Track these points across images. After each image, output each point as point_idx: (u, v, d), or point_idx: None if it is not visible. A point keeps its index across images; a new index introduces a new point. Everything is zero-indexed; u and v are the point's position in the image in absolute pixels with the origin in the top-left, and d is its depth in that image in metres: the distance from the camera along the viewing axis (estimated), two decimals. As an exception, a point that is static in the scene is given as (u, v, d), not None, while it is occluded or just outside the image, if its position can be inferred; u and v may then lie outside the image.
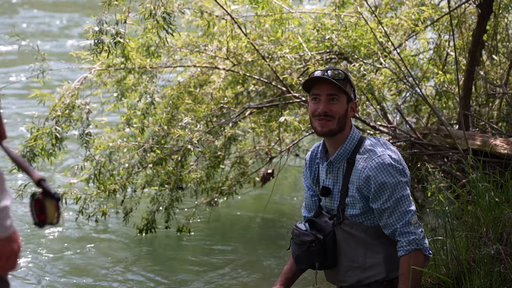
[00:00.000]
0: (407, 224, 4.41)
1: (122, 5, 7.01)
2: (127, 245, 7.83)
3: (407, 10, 7.93)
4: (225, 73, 7.21)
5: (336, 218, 4.63)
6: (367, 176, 4.43)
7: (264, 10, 7.65)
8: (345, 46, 7.52)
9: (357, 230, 4.55)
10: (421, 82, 7.57)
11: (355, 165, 4.54)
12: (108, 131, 7.44)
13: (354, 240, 4.56)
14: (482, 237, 5.51)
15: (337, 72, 4.50)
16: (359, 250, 4.57)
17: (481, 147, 6.70)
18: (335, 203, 4.64)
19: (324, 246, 4.61)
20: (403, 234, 4.38)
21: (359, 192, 4.49)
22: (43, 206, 2.90)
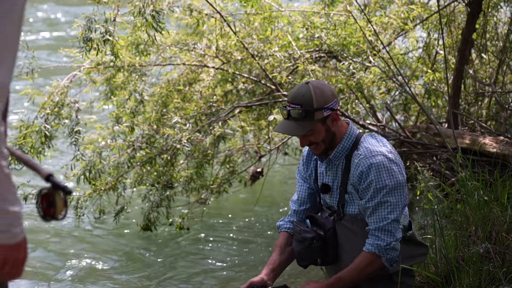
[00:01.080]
0: (380, 229, 4.53)
1: (112, 2, 6.85)
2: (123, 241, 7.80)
3: (397, 9, 8.03)
4: (215, 71, 7.24)
5: (336, 214, 4.73)
6: (360, 172, 4.52)
7: (254, 8, 7.65)
8: (334, 45, 7.53)
9: (357, 226, 4.63)
10: (410, 80, 7.60)
11: (352, 162, 4.64)
12: (98, 129, 7.38)
13: (355, 236, 4.63)
14: (471, 236, 5.52)
15: (297, 111, 4.56)
16: (360, 246, 4.58)
17: (470, 146, 6.76)
18: (335, 199, 4.74)
19: (325, 243, 4.69)
20: (372, 236, 4.51)
21: (355, 189, 4.60)
22: (52, 201, 2.83)
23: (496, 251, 5.25)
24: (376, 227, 4.51)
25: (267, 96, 7.28)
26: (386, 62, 7.44)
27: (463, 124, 7.02)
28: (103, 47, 6.98)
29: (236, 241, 7.19)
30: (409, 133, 7.15)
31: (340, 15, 7.78)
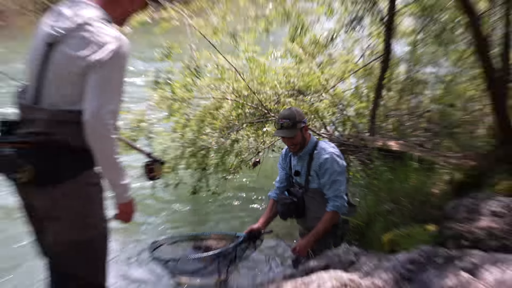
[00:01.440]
0: (336, 197, 5.37)
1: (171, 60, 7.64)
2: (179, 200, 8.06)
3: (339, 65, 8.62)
4: (231, 102, 7.73)
5: (304, 189, 5.63)
6: (320, 163, 5.42)
7: (254, 64, 8.05)
8: (302, 86, 8.14)
9: (317, 195, 5.51)
10: (346, 107, 8.28)
11: (313, 157, 5.53)
12: (164, 135, 7.78)
13: (315, 201, 5.52)
14: (382, 199, 5.97)
15: (287, 123, 5.39)
16: (319, 207, 5.45)
17: (382, 146, 7.26)
18: (303, 179, 5.65)
19: (297, 205, 5.58)
20: (332, 201, 5.36)
21: (315, 173, 5.49)
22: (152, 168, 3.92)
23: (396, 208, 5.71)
24: (334, 195, 5.37)
25: (262, 117, 7.80)
26: (332, 97, 8.13)
27: (378, 133, 7.64)
28: (166, 87, 7.67)
29: (245, 203, 7.81)
30: (346, 139, 7.56)
31: (306, 68, 8.24)
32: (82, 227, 3.30)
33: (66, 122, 3.09)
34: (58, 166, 3.13)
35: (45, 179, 3.13)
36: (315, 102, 8.03)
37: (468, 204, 4.17)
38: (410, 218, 5.56)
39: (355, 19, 8.15)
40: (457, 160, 6.85)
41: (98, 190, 3.38)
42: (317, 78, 8.11)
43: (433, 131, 8.03)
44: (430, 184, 6.13)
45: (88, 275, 3.42)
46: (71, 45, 3.08)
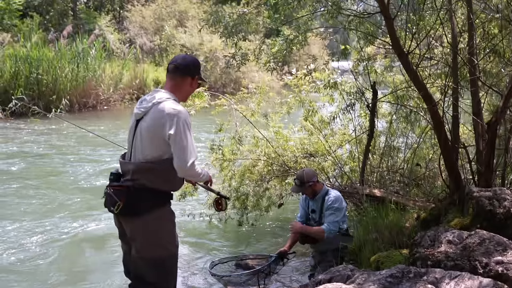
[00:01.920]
0: (329, 223, 5.36)
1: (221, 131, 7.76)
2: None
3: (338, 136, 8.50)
4: (263, 161, 7.61)
5: (317, 223, 5.57)
6: (328, 204, 5.45)
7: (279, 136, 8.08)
8: (312, 151, 8.01)
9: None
10: (343, 166, 8.13)
11: (325, 200, 5.52)
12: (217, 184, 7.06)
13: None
14: (369, 231, 5.97)
15: (297, 184, 5.57)
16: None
17: (368, 193, 7.08)
18: (317, 216, 5.64)
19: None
20: (326, 223, 5.37)
21: (325, 211, 5.49)
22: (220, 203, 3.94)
23: (380, 237, 5.74)
24: (328, 221, 5.37)
25: (285, 172, 7.65)
26: (334, 159, 7.95)
27: (365, 184, 7.43)
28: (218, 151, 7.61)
29: (274, 232, 7.61)
30: (343, 187, 7.41)
31: (315, 139, 8.15)
32: (155, 248, 3.42)
33: (146, 170, 3.32)
34: (140, 202, 3.31)
35: (129, 211, 3.34)
36: (321, 162, 7.91)
37: (431, 235, 4.13)
38: (390, 245, 5.57)
39: (349, 105, 8.07)
40: (422, 203, 6.82)
41: (170, 222, 3.55)
42: (323, 145, 8.01)
43: (404, 183, 7.94)
44: (403, 220, 6.12)
45: (158, 283, 3.47)
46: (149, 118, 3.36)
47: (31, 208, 8.11)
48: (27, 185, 9.38)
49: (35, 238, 6.89)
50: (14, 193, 8.85)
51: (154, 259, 3.41)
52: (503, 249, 3.57)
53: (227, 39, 7.55)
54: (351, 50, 8.89)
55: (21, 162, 11.10)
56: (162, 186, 3.39)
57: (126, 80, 20.94)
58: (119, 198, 3.28)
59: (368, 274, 3.37)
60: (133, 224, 3.39)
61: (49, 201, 8.51)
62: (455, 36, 5.89)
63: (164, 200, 3.46)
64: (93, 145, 12.27)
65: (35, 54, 17.53)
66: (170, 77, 3.55)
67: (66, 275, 5.94)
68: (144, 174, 3.33)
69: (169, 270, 3.54)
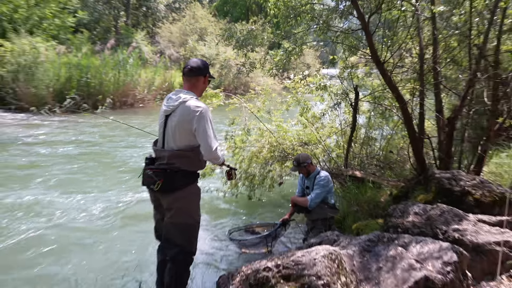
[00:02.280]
0: (314, 196, 5.26)
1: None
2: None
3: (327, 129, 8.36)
4: (267, 149, 7.48)
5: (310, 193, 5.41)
6: (317, 181, 5.34)
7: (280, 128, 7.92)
8: (306, 140, 7.90)
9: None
10: (331, 152, 7.96)
11: (316, 178, 5.42)
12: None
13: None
14: (351, 204, 6.04)
15: (294, 164, 5.49)
16: (318, 207, 5.33)
17: (351, 174, 6.98)
18: (310, 191, 5.45)
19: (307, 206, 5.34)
20: (311, 195, 5.28)
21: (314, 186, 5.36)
22: (230, 173, 3.92)
23: (360, 209, 5.85)
24: (314, 194, 5.27)
25: (284, 157, 7.50)
26: (324, 147, 7.91)
27: (349, 167, 7.33)
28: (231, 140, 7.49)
29: (277, 204, 7.44)
30: (331, 170, 7.24)
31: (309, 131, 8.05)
32: (184, 216, 3.48)
33: (179, 156, 3.37)
34: (174, 181, 3.36)
35: (167, 188, 3.38)
36: (314, 149, 7.85)
37: (401, 208, 4.14)
38: (368, 215, 5.64)
39: (336, 104, 8.02)
40: (394, 183, 6.79)
41: (197, 196, 3.58)
42: (315, 136, 7.97)
43: (380, 166, 7.92)
44: (379, 196, 6.15)
45: (185, 245, 3.53)
46: (178, 115, 3.38)
47: (92, 184, 8.28)
48: (87, 166, 9.55)
49: (97, 205, 7.09)
50: (77, 172, 8.98)
51: (183, 224, 3.46)
52: (459, 219, 3.59)
53: (238, 51, 7.59)
54: (338, 60, 8.83)
55: (79, 148, 11.22)
56: (191, 168, 3.43)
57: (157, 83, 21.03)
58: (158, 178, 3.33)
59: (350, 238, 3.41)
60: (169, 198, 3.41)
61: (105, 178, 8.64)
62: (422, 48, 5.94)
63: (193, 179, 3.49)
64: (135, 135, 12.30)
65: (84, 62, 17.66)
66: (186, 79, 3.56)
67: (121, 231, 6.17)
68: (177, 159, 3.36)
69: (193, 234, 3.59)
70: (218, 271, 4.96)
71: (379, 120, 8.33)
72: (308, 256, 2.52)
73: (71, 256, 5.23)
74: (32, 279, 4.57)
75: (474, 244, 3.16)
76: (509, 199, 4.07)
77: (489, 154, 6.22)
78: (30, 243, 5.49)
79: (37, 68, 16.17)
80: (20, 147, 10.96)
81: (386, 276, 2.59)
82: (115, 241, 5.77)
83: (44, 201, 7.12)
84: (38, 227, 6.03)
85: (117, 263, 5.11)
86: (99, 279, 4.68)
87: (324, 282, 2.34)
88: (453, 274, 2.60)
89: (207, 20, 32.38)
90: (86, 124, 14.56)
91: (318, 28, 6.58)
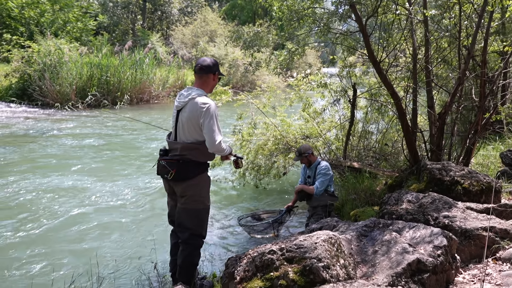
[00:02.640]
0: (320, 183, 5.27)
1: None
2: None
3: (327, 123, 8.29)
4: (272, 141, 7.46)
5: (312, 183, 5.45)
6: (319, 171, 5.33)
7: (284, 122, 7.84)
8: (308, 134, 7.87)
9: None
10: (331, 145, 7.93)
11: (317, 168, 5.42)
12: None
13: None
14: (350, 192, 6.00)
15: (297, 154, 5.51)
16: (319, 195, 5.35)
17: (349, 165, 6.99)
18: (312, 180, 5.48)
19: (308, 194, 5.38)
20: (316, 184, 5.29)
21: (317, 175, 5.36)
22: (237, 162, 3.91)
23: (358, 198, 5.82)
24: (318, 182, 5.28)
25: (288, 149, 7.46)
26: (324, 140, 7.87)
27: (347, 158, 7.35)
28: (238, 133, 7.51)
29: (282, 193, 7.37)
30: (330, 161, 7.20)
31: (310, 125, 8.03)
32: (196, 202, 3.48)
33: (189, 148, 3.38)
34: (187, 171, 3.38)
35: (180, 177, 3.40)
36: (315, 142, 7.83)
37: (395, 196, 4.11)
38: (365, 203, 5.62)
39: (336, 100, 8.06)
40: (389, 173, 6.77)
41: (207, 184, 3.56)
42: (316, 130, 7.95)
43: (376, 158, 7.89)
44: (375, 185, 6.11)
45: (195, 229, 3.54)
46: (187, 110, 3.39)
47: (121, 171, 8.48)
48: (114, 156, 9.77)
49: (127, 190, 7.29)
50: (106, 161, 9.13)
51: (194, 210, 3.47)
52: (449, 206, 3.57)
53: (246, 51, 7.57)
54: (337, 59, 8.85)
55: (104, 140, 11.35)
56: (201, 159, 3.43)
57: (171, 81, 21.10)
58: (172, 168, 3.35)
59: (348, 224, 3.37)
60: (182, 186, 3.42)
61: (131, 167, 8.81)
62: (415, 49, 5.90)
63: (203, 169, 3.49)
64: (154, 129, 12.24)
65: (104, 62, 17.73)
66: (198, 77, 3.52)
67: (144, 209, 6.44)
68: (189, 151, 3.37)
69: (203, 219, 3.59)
70: (227, 254, 4.93)
71: (375, 115, 8.28)
72: (310, 240, 2.51)
73: (105, 235, 5.42)
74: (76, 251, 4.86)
75: (462, 229, 3.13)
76: (495, 188, 4.06)
77: (476, 147, 6.16)
78: (73, 221, 5.76)
79: (61, 68, 16.30)
80: (50, 139, 11.11)
81: (381, 258, 2.60)
82: (142, 223, 5.92)
83: (81, 186, 7.37)
84: (78, 208, 6.28)
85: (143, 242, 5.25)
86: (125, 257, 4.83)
87: (324, 264, 2.34)
88: (443, 257, 2.60)
89: (216, 23, 32.34)
90: (108, 118, 14.64)
91: (319, 30, 6.54)
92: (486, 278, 2.68)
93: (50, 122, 13.56)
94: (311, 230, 3.51)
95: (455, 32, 5.63)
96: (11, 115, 14.30)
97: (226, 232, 5.74)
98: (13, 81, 16.49)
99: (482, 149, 7.27)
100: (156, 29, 33.02)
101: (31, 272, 4.39)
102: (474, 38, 5.12)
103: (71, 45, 17.96)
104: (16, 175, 7.71)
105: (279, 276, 2.35)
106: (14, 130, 11.96)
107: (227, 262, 2.73)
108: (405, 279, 2.42)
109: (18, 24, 20.75)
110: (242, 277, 2.47)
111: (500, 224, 3.18)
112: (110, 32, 28.05)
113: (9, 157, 9.06)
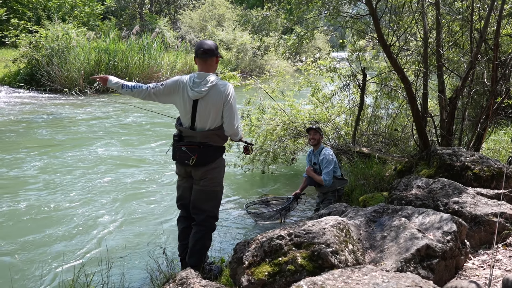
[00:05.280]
0: (326, 173, 5.26)
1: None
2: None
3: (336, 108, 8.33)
4: (281, 126, 7.48)
5: (317, 170, 5.45)
6: (322, 158, 5.33)
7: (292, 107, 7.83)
8: (317, 119, 7.81)
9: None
10: (340, 130, 7.95)
11: (321, 155, 5.40)
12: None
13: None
14: (359, 178, 5.98)
15: (315, 127, 5.46)
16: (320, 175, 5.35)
17: (359, 150, 7.02)
18: (318, 166, 5.45)
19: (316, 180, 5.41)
20: (323, 174, 5.28)
21: (321, 163, 5.38)
22: (247, 148, 3.88)
23: (367, 182, 5.83)
24: (325, 172, 5.28)
25: (297, 135, 7.48)
26: (333, 125, 7.91)
27: (356, 143, 7.37)
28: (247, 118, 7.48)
29: (290, 179, 7.40)
30: (340, 146, 7.37)
31: (319, 110, 8.02)
32: (215, 184, 3.55)
33: (210, 136, 3.42)
34: (208, 155, 3.45)
35: (201, 162, 3.45)
36: (324, 127, 7.79)
37: (404, 181, 4.11)
38: (374, 188, 5.60)
39: (345, 85, 8.09)
40: (398, 158, 6.78)
41: (224, 167, 3.64)
42: (325, 115, 7.95)
43: (385, 143, 7.88)
44: (384, 170, 6.13)
45: (211, 210, 3.59)
46: (210, 99, 3.38)
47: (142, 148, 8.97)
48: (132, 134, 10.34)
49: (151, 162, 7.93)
50: (114, 145, 9.32)
51: (213, 192, 3.56)
52: (459, 192, 3.56)
53: (254, 35, 7.59)
54: (347, 43, 8.86)
55: (114, 121, 11.69)
56: (220, 143, 3.50)
57: (179, 66, 21.11)
58: (193, 153, 3.40)
59: (357, 209, 3.38)
60: (202, 170, 3.47)
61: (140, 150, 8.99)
62: (426, 32, 5.88)
63: (221, 152, 3.57)
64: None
65: (112, 47, 17.77)
66: (202, 61, 3.45)
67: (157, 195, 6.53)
68: (210, 138, 3.43)
69: (219, 200, 3.68)
70: (235, 239, 4.98)
71: (385, 100, 8.26)
72: (318, 225, 2.51)
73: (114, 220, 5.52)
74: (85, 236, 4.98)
75: (472, 215, 3.13)
76: (506, 173, 4.03)
77: (487, 132, 6.15)
78: (82, 205, 5.93)
79: (69, 53, 16.35)
80: (61, 124, 11.34)
81: (390, 244, 2.58)
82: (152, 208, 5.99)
83: (107, 158, 8.03)
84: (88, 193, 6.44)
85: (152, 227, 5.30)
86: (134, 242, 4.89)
87: (332, 250, 2.35)
88: (452, 243, 2.60)
89: (225, 7, 32.08)
90: (115, 103, 14.75)
91: (328, 13, 6.54)
92: (496, 264, 2.67)
93: (59, 107, 13.71)
94: (320, 215, 3.51)
95: (467, 15, 5.59)
96: (19, 101, 14.42)
97: (235, 218, 5.76)
98: (21, 66, 16.55)
99: (493, 134, 7.27)
100: (164, 13, 32.87)
101: (41, 254, 4.48)
102: (487, 21, 5.06)
103: (78, 30, 17.97)
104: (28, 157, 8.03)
105: (287, 261, 2.35)
106: (23, 116, 12.09)
107: (236, 247, 2.75)
108: (414, 264, 2.42)
109: (25, 9, 20.81)
110: (251, 262, 2.48)
111: (510, 210, 3.17)
112: (118, 16, 28.02)
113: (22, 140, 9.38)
